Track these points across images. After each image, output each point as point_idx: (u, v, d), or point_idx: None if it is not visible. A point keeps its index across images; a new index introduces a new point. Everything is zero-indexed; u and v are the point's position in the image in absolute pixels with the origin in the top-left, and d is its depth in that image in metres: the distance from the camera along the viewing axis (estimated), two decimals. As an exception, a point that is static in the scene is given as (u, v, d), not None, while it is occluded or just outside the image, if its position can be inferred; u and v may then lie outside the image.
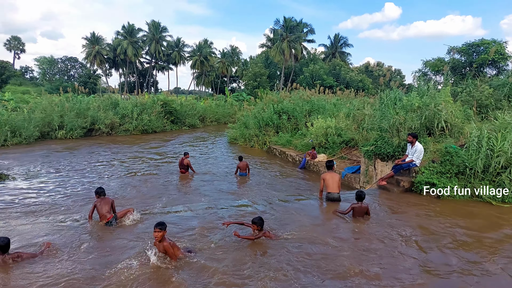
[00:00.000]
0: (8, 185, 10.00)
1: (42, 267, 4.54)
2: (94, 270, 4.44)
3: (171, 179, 11.18)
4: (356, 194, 6.47)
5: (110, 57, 68.99)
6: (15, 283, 4.19)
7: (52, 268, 4.51)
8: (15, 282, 4.21)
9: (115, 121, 22.98)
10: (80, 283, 4.16)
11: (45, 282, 4.18)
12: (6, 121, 18.19)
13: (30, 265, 4.61)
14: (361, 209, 6.42)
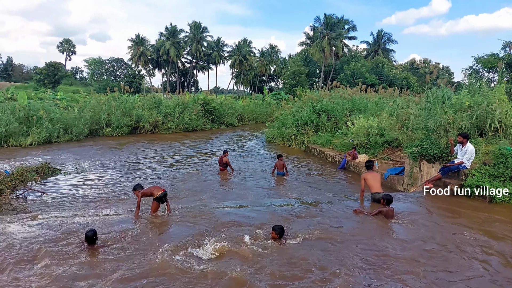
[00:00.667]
0: (61, 179, 10.68)
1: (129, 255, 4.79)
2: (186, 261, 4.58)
3: (211, 176, 11.41)
4: (386, 198, 6.33)
5: (154, 57, 71.61)
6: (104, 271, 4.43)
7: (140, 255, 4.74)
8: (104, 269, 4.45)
9: (158, 120, 23.81)
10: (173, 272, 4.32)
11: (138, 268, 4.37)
12: (59, 119, 19.46)
13: (116, 252, 4.88)
14: (388, 212, 6.24)
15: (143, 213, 6.64)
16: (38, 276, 4.23)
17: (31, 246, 4.93)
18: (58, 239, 5.18)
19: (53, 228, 5.58)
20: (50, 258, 4.59)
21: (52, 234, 5.38)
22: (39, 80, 59.28)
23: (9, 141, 16.80)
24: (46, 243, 5.01)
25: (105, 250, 4.90)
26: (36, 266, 4.45)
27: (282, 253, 4.85)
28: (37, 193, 8.97)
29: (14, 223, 5.84)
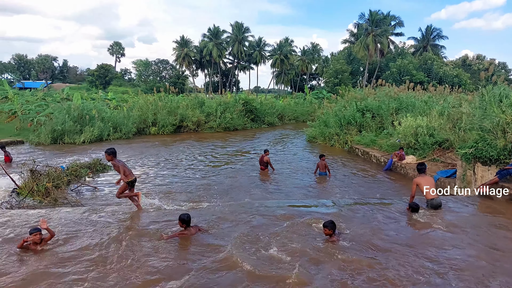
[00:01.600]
0: (110, 175, 11.26)
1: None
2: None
3: (252, 175, 11.47)
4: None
5: (197, 58, 73.47)
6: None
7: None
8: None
9: (201, 119, 24.38)
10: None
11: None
12: (109, 118, 20.54)
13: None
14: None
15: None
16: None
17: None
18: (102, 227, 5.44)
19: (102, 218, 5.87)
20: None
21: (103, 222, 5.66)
22: (91, 81, 63.12)
23: (65, 138, 17.99)
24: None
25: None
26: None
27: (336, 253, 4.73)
28: (89, 187, 9.51)
29: (73, 213, 6.23)
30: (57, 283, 4.16)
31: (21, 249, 4.96)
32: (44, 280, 4.21)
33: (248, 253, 4.81)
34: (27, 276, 4.31)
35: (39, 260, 4.69)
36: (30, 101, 27.79)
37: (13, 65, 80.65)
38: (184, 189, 9.66)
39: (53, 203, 7.93)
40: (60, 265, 4.56)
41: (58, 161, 13.03)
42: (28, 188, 8.30)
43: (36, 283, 4.15)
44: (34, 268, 4.50)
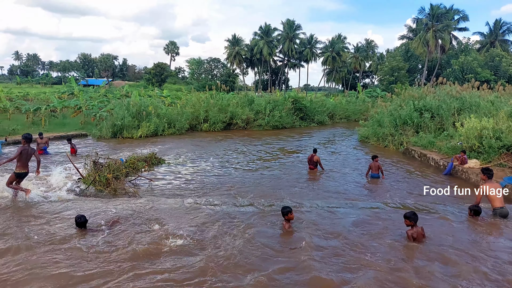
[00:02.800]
0: (165, 168, 11.74)
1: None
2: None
3: (301, 174, 11.33)
4: (474, 210, 5.52)
5: (248, 56, 74.30)
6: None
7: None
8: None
9: (250, 117, 24.61)
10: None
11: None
12: (164, 114, 21.46)
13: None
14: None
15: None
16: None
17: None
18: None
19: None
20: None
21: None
22: (148, 79, 66.33)
23: (123, 133, 19.11)
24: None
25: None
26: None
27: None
28: (145, 180, 9.99)
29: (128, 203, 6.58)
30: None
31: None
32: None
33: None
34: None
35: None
36: (93, 97, 29.95)
37: (78, 64, 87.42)
38: (231, 185, 9.78)
39: (113, 193, 8.44)
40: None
41: (117, 154, 13.85)
42: (91, 178, 8.91)
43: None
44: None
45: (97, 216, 6.37)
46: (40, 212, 6.72)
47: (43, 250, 5.00)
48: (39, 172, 7.99)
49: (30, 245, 5.13)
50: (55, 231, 5.69)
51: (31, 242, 5.25)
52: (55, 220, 6.26)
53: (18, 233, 5.62)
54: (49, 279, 4.27)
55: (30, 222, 6.12)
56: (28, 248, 5.06)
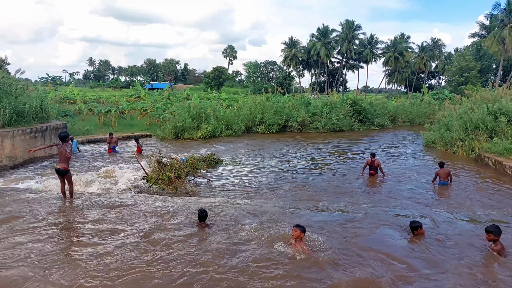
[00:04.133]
0: (222, 168, 12.02)
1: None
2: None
3: (359, 179, 10.90)
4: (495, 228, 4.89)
5: (304, 59, 73.72)
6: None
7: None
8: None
9: (306, 119, 24.32)
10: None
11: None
12: (222, 116, 22.04)
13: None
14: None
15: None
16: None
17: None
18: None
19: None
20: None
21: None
22: (207, 83, 68.71)
23: (184, 134, 19.95)
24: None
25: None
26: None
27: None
28: (204, 179, 10.31)
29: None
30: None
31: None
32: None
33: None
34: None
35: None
36: (157, 100, 31.72)
37: (144, 69, 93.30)
38: (286, 187, 9.70)
39: (174, 191, 8.82)
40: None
41: (178, 153, 14.48)
42: (155, 176, 9.40)
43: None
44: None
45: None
46: (108, 206, 7.17)
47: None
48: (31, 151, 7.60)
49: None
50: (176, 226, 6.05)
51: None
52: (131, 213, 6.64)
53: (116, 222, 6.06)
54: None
55: (108, 215, 6.55)
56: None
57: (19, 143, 11.99)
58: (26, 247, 5.00)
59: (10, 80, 13.93)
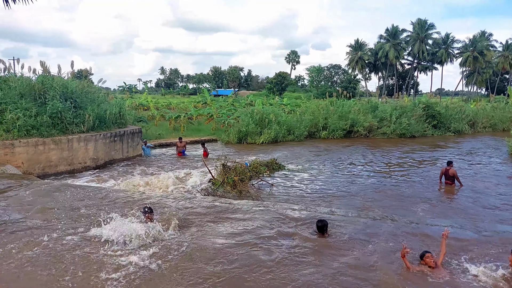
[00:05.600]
0: (284, 174, 11.96)
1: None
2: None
3: (431, 188, 10.10)
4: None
5: (371, 61, 70.90)
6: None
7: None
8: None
9: (373, 124, 23.26)
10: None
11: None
12: (284, 122, 22.02)
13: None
14: None
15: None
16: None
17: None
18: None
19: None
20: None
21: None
22: (269, 88, 69.34)
23: (248, 139, 20.32)
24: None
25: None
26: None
27: None
28: (267, 184, 10.34)
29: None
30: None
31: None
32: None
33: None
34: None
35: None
36: (222, 106, 32.78)
37: (210, 76, 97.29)
38: (354, 196, 9.31)
39: (239, 195, 8.96)
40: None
41: (242, 158, 14.75)
42: (221, 179, 9.66)
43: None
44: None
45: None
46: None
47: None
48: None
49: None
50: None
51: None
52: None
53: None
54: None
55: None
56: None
57: (100, 146, 13.18)
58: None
59: (93, 89, 15.44)
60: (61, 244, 5.02)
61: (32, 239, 5.19)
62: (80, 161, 12.50)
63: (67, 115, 12.42)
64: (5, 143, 10.83)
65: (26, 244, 5.02)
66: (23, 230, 5.54)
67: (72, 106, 12.80)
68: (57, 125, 12.31)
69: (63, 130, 12.41)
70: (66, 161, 12.10)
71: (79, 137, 12.48)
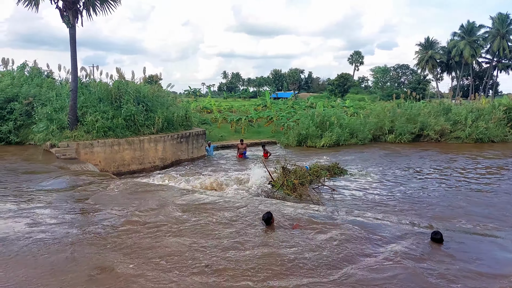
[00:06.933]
0: (347, 179, 11.57)
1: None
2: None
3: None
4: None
5: (443, 60, 65.92)
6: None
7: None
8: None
9: (446, 128, 21.55)
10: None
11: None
12: (347, 124, 21.36)
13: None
14: None
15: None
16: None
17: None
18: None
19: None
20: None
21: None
22: (331, 90, 67.87)
23: (307, 142, 20.05)
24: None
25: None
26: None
27: None
28: (327, 189, 10.08)
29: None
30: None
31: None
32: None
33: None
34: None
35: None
36: (282, 108, 32.81)
37: (270, 79, 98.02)
38: (428, 205, 8.67)
39: (299, 198, 8.86)
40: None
41: (302, 161, 14.59)
42: (280, 182, 9.64)
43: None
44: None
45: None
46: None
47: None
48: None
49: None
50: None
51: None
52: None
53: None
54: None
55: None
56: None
57: (168, 147, 13.96)
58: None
59: (163, 93, 16.43)
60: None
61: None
62: (150, 161, 13.35)
63: (139, 118, 13.37)
64: (85, 143, 11.96)
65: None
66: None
67: (144, 109, 13.75)
68: (130, 127, 13.32)
69: (135, 131, 13.39)
70: (138, 160, 13.01)
71: (150, 138, 13.35)
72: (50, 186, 8.47)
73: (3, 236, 5.32)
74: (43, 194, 7.73)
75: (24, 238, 5.25)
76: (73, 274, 4.27)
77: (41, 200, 7.29)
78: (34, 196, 7.56)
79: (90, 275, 4.25)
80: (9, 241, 5.14)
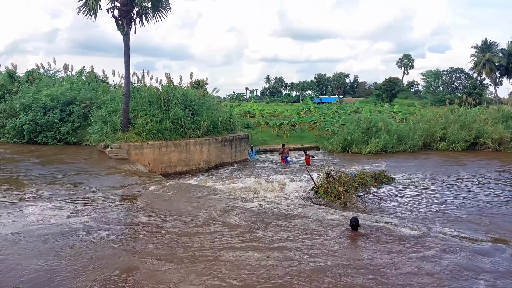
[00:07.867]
0: (394, 188, 11.07)
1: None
2: None
3: None
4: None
5: (503, 63, 61.27)
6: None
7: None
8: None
9: (505, 136, 19.95)
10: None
11: None
12: (395, 130, 20.48)
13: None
14: None
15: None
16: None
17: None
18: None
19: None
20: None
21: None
22: (378, 95, 65.59)
23: (352, 148, 19.49)
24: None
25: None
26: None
27: None
28: (373, 197, 9.71)
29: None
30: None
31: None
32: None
33: None
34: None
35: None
36: (326, 113, 32.26)
37: (314, 83, 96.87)
38: (479, 217, 8.04)
39: (343, 206, 8.61)
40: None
41: (346, 167, 14.21)
42: (324, 188, 9.44)
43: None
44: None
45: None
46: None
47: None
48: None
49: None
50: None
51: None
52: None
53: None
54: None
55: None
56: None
57: (213, 150, 14.25)
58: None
59: (208, 97, 16.84)
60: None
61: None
62: (195, 163, 13.71)
63: (186, 121, 13.81)
64: (136, 145, 12.55)
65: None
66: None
67: (191, 113, 14.19)
68: (178, 130, 13.79)
69: (182, 134, 13.84)
70: (184, 162, 13.42)
71: (195, 141, 13.72)
72: (104, 184, 8.99)
73: (64, 230, 5.71)
74: (98, 193, 8.21)
75: (82, 233, 5.61)
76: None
77: (97, 198, 7.75)
78: (92, 194, 8.08)
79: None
80: (68, 235, 5.51)
